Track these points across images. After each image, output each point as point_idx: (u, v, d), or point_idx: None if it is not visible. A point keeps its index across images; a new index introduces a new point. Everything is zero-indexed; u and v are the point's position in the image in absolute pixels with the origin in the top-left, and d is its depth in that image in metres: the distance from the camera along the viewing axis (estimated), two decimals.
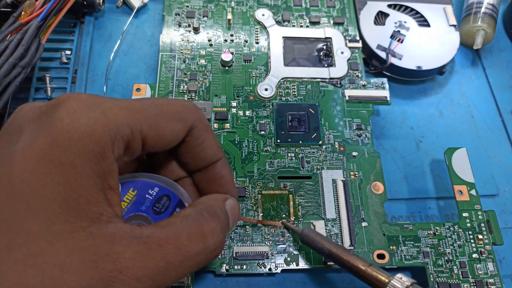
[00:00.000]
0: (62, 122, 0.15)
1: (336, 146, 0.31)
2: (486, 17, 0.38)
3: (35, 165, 0.15)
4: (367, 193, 0.29)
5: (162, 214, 0.21)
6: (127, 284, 0.15)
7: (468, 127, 0.35)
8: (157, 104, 0.19)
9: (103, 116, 0.16)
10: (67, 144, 0.15)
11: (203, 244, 0.17)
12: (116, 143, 0.16)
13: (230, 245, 0.27)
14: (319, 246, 0.25)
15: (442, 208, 0.32)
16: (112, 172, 0.16)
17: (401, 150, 0.34)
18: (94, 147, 0.16)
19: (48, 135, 0.15)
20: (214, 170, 0.22)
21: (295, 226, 0.27)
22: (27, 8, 0.30)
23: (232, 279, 0.27)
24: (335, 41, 0.35)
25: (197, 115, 0.20)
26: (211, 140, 0.21)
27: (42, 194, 0.15)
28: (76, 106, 0.16)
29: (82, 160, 0.15)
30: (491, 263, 0.27)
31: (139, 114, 0.18)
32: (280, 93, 0.33)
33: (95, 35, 0.36)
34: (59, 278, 0.14)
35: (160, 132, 0.18)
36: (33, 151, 0.15)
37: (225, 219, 0.19)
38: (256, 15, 0.36)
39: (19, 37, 0.28)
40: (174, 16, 0.35)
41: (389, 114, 0.35)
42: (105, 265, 0.15)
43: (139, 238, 0.16)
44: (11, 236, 0.14)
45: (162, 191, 0.21)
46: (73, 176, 0.15)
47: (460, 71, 0.38)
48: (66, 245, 0.15)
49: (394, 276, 0.22)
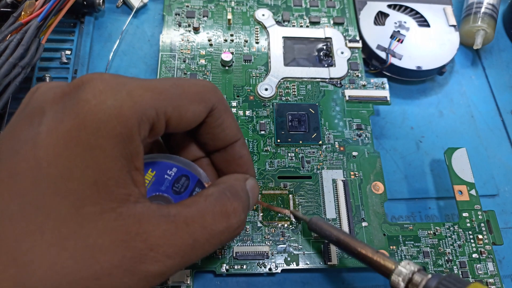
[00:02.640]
0: (89, 104, 0.15)
1: (336, 146, 0.31)
2: (486, 17, 0.38)
3: (63, 147, 0.15)
4: (367, 193, 0.29)
5: (182, 194, 0.21)
6: (158, 260, 0.16)
7: (468, 127, 0.35)
8: (179, 84, 0.19)
9: (130, 98, 0.16)
10: (95, 127, 0.15)
11: (226, 223, 0.18)
12: (142, 125, 0.16)
13: (230, 245, 0.27)
14: (327, 234, 0.25)
15: (442, 208, 0.32)
16: (139, 154, 0.16)
17: (401, 150, 0.34)
18: (122, 130, 0.15)
19: (74, 117, 0.15)
20: (233, 150, 0.22)
21: (303, 215, 0.27)
22: (27, 8, 0.30)
23: (232, 279, 0.27)
24: (335, 41, 0.35)
25: (218, 96, 0.20)
26: (230, 121, 0.21)
27: (71, 177, 0.15)
28: (101, 87, 0.16)
29: (110, 143, 0.15)
30: (491, 263, 0.27)
31: (163, 95, 0.17)
32: (280, 93, 0.33)
33: (95, 35, 0.36)
34: (92, 258, 0.15)
35: (183, 113, 0.18)
36: (60, 133, 0.15)
37: (246, 199, 0.20)
38: (256, 15, 0.36)
39: (19, 37, 0.28)
40: (174, 16, 0.35)
41: (389, 114, 0.35)
42: (136, 244, 0.15)
43: (166, 217, 0.16)
44: (41, 220, 0.14)
45: (180, 171, 0.21)
46: (102, 159, 0.15)
47: (460, 71, 0.38)
48: (97, 226, 0.15)
49: (400, 262, 0.22)
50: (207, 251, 0.18)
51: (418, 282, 0.21)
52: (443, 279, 0.20)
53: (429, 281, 0.20)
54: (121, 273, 0.15)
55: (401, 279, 0.21)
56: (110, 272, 0.15)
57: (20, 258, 0.14)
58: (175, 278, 0.25)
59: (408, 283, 0.21)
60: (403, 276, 0.21)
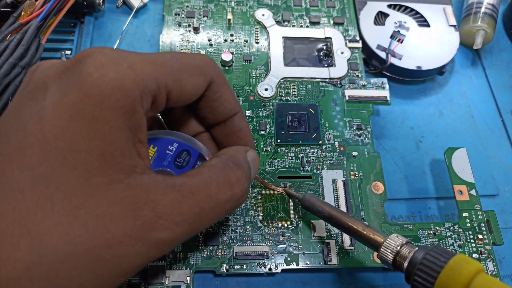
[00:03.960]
0: (91, 76, 0.15)
1: (336, 146, 0.31)
2: (486, 17, 0.38)
3: (69, 120, 0.15)
4: (367, 193, 0.29)
5: (184, 168, 0.21)
6: (167, 228, 0.16)
7: (468, 127, 0.35)
8: (178, 58, 0.19)
9: (131, 71, 0.16)
10: (99, 99, 0.15)
11: (231, 191, 0.18)
12: (144, 98, 0.16)
13: (230, 245, 0.27)
14: (319, 210, 0.25)
15: (442, 208, 0.32)
16: (142, 126, 0.17)
17: (401, 150, 0.34)
18: (125, 102, 0.16)
19: (78, 89, 0.15)
20: (232, 123, 0.22)
21: (297, 193, 0.28)
22: (27, 8, 0.30)
23: (232, 279, 0.27)
24: (335, 41, 0.35)
25: (216, 69, 0.21)
26: (229, 94, 0.22)
27: (78, 149, 0.15)
28: (103, 60, 0.16)
29: (114, 115, 0.15)
30: (491, 263, 0.27)
31: (164, 68, 0.17)
32: (280, 93, 0.33)
33: (95, 35, 0.36)
34: (103, 227, 0.15)
35: (183, 86, 0.19)
36: (65, 106, 0.15)
37: (248, 169, 0.20)
38: (256, 15, 0.36)
39: (19, 37, 0.28)
40: (174, 16, 0.35)
41: (389, 114, 0.35)
42: (145, 213, 0.16)
43: (172, 187, 0.17)
44: (51, 191, 0.15)
45: (181, 146, 0.22)
46: (107, 130, 0.15)
47: (460, 71, 0.38)
48: (106, 197, 0.15)
49: (389, 235, 0.22)
50: (213, 220, 0.18)
51: (406, 254, 0.21)
52: (430, 250, 0.20)
53: (416, 252, 0.21)
54: (132, 241, 0.16)
55: (390, 251, 0.22)
56: (122, 240, 0.15)
57: (33, 228, 0.14)
58: (175, 278, 0.25)
59: (396, 255, 0.21)
60: (391, 248, 0.22)
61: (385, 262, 0.22)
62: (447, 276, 0.19)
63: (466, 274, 0.19)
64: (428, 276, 0.20)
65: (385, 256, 0.22)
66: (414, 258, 0.21)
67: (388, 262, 0.22)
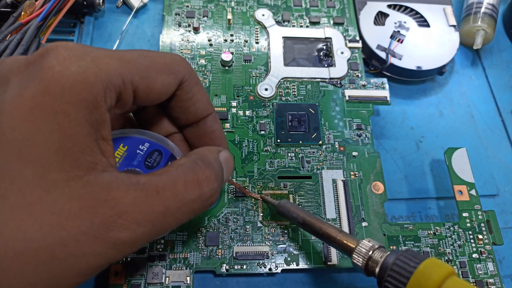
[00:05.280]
0: (52, 70, 0.15)
1: (336, 146, 0.31)
2: (486, 17, 0.38)
3: (27, 113, 0.15)
4: (367, 193, 0.29)
5: (154, 168, 0.21)
6: (127, 227, 0.16)
7: (468, 127, 0.35)
8: (147, 55, 0.18)
9: (94, 65, 0.16)
10: (59, 92, 0.15)
11: (199, 191, 0.18)
12: (108, 93, 0.16)
13: (230, 245, 0.27)
14: (294, 216, 0.25)
15: (442, 208, 0.32)
16: (105, 122, 0.16)
17: (401, 150, 0.34)
18: (86, 96, 0.15)
19: (38, 83, 0.15)
20: (205, 125, 0.22)
21: (272, 199, 0.27)
22: (27, 8, 0.30)
23: (232, 279, 0.27)
24: (335, 41, 0.35)
25: (187, 69, 0.20)
26: (201, 94, 0.21)
27: (36, 142, 0.15)
28: (65, 55, 0.15)
29: (75, 108, 0.15)
30: (491, 263, 0.27)
31: (130, 64, 0.17)
32: (280, 93, 0.33)
33: (95, 35, 0.36)
34: (59, 224, 0.14)
35: (151, 84, 0.18)
36: (24, 99, 0.15)
37: (219, 169, 0.19)
38: (256, 15, 0.36)
39: (19, 37, 0.28)
40: (174, 16, 0.35)
41: (389, 114, 0.35)
42: (104, 211, 0.15)
43: (136, 185, 0.16)
44: (4, 185, 0.14)
45: (152, 146, 0.21)
46: (67, 124, 0.15)
47: (460, 71, 0.38)
48: (64, 193, 0.15)
49: (362, 240, 0.22)
50: (180, 220, 0.17)
51: (378, 258, 0.21)
52: (401, 254, 0.20)
53: (387, 257, 0.21)
54: (90, 240, 0.15)
55: (362, 256, 0.22)
56: (78, 238, 0.15)
57: None
58: (175, 278, 0.25)
59: (368, 260, 0.21)
60: (363, 253, 0.22)
61: (358, 268, 0.22)
62: (417, 281, 0.19)
63: (436, 279, 0.19)
64: (398, 282, 0.19)
65: (357, 262, 0.22)
66: (385, 263, 0.21)
67: (361, 268, 0.22)
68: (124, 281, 0.25)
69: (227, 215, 0.28)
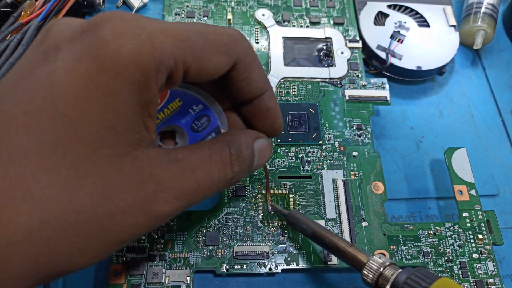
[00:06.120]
0: (108, 46, 0.15)
1: (336, 146, 0.31)
2: (486, 17, 0.38)
3: (82, 89, 0.15)
4: (367, 193, 0.29)
5: (198, 133, 0.21)
6: (168, 201, 0.17)
7: (468, 127, 0.35)
8: (203, 32, 0.18)
9: (150, 44, 0.15)
10: (115, 71, 0.15)
11: (224, 173, 0.19)
12: (159, 74, 0.16)
13: (230, 244, 0.27)
14: (303, 227, 0.25)
15: (442, 208, 0.32)
16: (154, 102, 0.16)
17: (401, 150, 0.34)
18: (140, 77, 0.15)
19: (93, 58, 0.15)
20: (260, 103, 0.22)
21: (282, 209, 0.27)
22: (27, 8, 0.30)
23: (232, 279, 0.27)
24: (335, 41, 0.36)
25: (244, 47, 0.19)
26: (257, 73, 0.20)
27: (90, 120, 0.15)
28: (121, 28, 0.15)
29: (128, 90, 0.15)
30: (491, 263, 0.27)
31: (185, 43, 0.17)
32: (280, 93, 0.33)
33: None
34: (108, 197, 0.15)
35: (204, 65, 0.18)
36: (78, 74, 0.15)
37: (248, 156, 0.20)
38: (256, 15, 0.36)
39: (19, 37, 0.28)
40: (174, 16, 0.35)
41: (389, 114, 0.35)
42: (149, 185, 0.16)
43: (175, 161, 0.17)
44: (58, 159, 0.15)
45: (205, 110, 0.21)
46: (119, 104, 0.15)
47: (460, 71, 0.38)
48: (113, 168, 0.16)
49: (373, 256, 0.22)
50: (207, 196, 0.19)
51: (389, 276, 0.21)
52: (412, 273, 0.20)
53: (399, 275, 0.21)
54: (135, 212, 0.16)
55: (372, 273, 0.21)
56: (125, 210, 0.16)
57: (37, 195, 0.14)
58: (175, 277, 0.25)
59: (379, 277, 0.21)
60: (374, 270, 0.21)
61: (367, 284, 0.22)
62: None
63: None
64: None
65: (366, 278, 0.22)
66: (396, 281, 0.20)
67: (370, 284, 0.21)
68: (124, 281, 0.25)
69: (227, 215, 0.28)
